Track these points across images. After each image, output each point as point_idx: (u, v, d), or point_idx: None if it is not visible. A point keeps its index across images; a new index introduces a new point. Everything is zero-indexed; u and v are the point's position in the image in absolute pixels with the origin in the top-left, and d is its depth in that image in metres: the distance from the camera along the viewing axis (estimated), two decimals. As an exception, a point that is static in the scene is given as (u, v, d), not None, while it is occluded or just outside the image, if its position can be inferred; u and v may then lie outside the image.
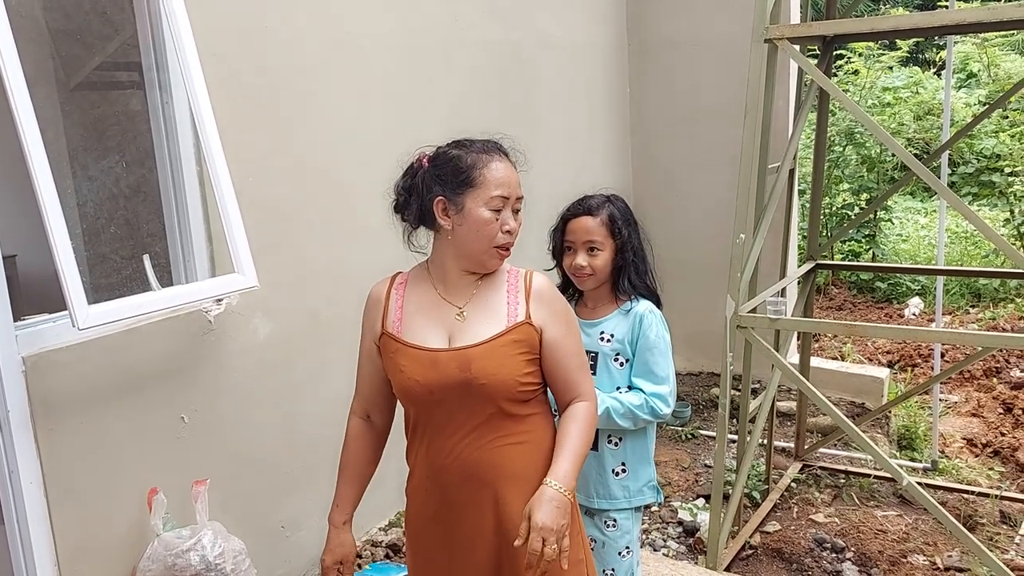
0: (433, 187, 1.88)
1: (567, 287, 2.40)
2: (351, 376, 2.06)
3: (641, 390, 2.27)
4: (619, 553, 2.37)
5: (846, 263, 7.53)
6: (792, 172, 4.04)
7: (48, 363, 2.40)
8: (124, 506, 2.61)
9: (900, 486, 3.16)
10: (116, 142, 4.11)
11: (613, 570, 2.37)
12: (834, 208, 8.25)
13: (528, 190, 1.98)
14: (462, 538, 1.90)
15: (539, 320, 1.88)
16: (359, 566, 3.27)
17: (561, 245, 2.37)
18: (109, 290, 3.36)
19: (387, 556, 3.43)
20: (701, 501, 4.12)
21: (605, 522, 2.36)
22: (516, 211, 1.90)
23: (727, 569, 3.52)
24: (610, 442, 2.33)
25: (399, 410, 2.04)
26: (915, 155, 8.02)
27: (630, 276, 2.31)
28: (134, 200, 3.24)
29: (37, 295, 3.10)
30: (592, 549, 2.32)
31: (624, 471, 2.33)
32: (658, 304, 2.36)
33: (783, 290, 3.97)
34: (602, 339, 2.31)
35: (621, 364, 2.31)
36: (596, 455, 2.32)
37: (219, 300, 2.83)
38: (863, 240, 8.24)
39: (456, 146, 1.91)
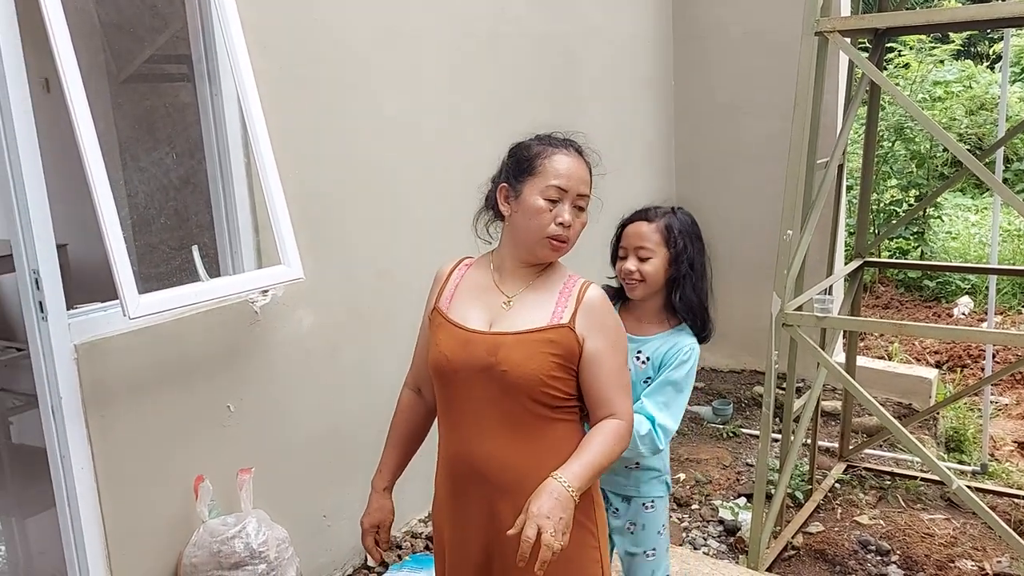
0: (502, 175, 1.93)
1: (621, 295, 2.33)
2: (394, 368, 2.07)
3: (650, 417, 2.12)
4: (658, 532, 2.35)
5: (894, 261, 7.38)
6: (841, 168, 3.97)
7: (99, 351, 2.44)
8: (171, 492, 2.66)
9: (949, 489, 3.08)
10: (166, 134, 4.18)
11: (654, 549, 2.35)
12: (882, 205, 8.10)
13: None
14: (460, 533, 1.90)
15: (583, 329, 1.83)
16: (399, 557, 3.29)
17: (616, 252, 2.32)
18: (158, 280, 3.42)
19: (427, 547, 3.44)
20: (743, 500, 4.08)
21: (644, 505, 2.34)
22: (579, 208, 1.87)
23: (768, 569, 3.47)
24: None
25: None
26: (967, 151, 7.84)
27: (684, 290, 2.21)
28: (183, 191, 3.28)
29: (87, 284, 3.16)
30: (633, 533, 2.33)
31: (637, 464, 2.31)
32: (705, 326, 2.25)
33: (830, 288, 3.91)
34: (638, 358, 2.23)
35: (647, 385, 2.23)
36: None
37: (265, 291, 2.86)
38: (911, 237, 8.08)
39: (535, 138, 1.94)
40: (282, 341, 3.00)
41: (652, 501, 2.33)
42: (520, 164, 1.88)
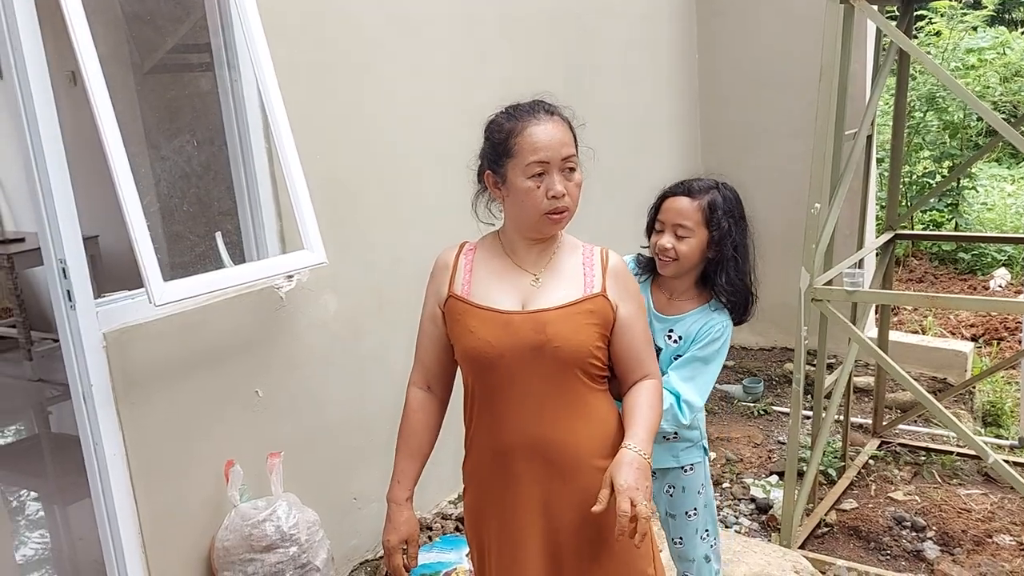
0: (484, 160, 1.89)
1: (652, 268, 2.25)
2: (413, 353, 2.04)
3: (675, 392, 2.09)
4: (697, 492, 2.33)
5: (927, 233, 7.25)
6: (870, 139, 3.89)
7: (128, 339, 2.46)
8: (202, 477, 2.68)
9: (985, 464, 3.03)
10: (188, 122, 4.20)
11: (695, 509, 2.33)
12: (914, 176, 7.95)
13: (589, 160, 1.92)
14: (515, 523, 1.87)
15: (614, 296, 1.85)
16: (429, 538, 3.30)
17: (653, 222, 2.23)
18: (184, 268, 3.44)
19: (457, 528, 3.45)
20: (774, 478, 4.04)
21: (683, 468, 2.31)
22: (569, 170, 1.81)
23: (801, 547, 3.44)
24: None
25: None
26: (1002, 119, 7.65)
27: (728, 272, 2.14)
28: (206, 178, 3.30)
29: (118, 273, 3.20)
30: (672, 495, 2.32)
31: (676, 434, 2.27)
32: (747, 310, 2.21)
33: (860, 262, 3.84)
34: (669, 337, 2.19)
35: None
36: None
37: (290, 276, 2.87)
38: (945, 209, 7.92)
39: (503, 113, 1.88)
40: (308, 326, 3.01)
41: (691, 466, 2.31)
42: (496, 148, 1.84)
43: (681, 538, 2.36)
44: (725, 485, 4.04)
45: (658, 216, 2.22)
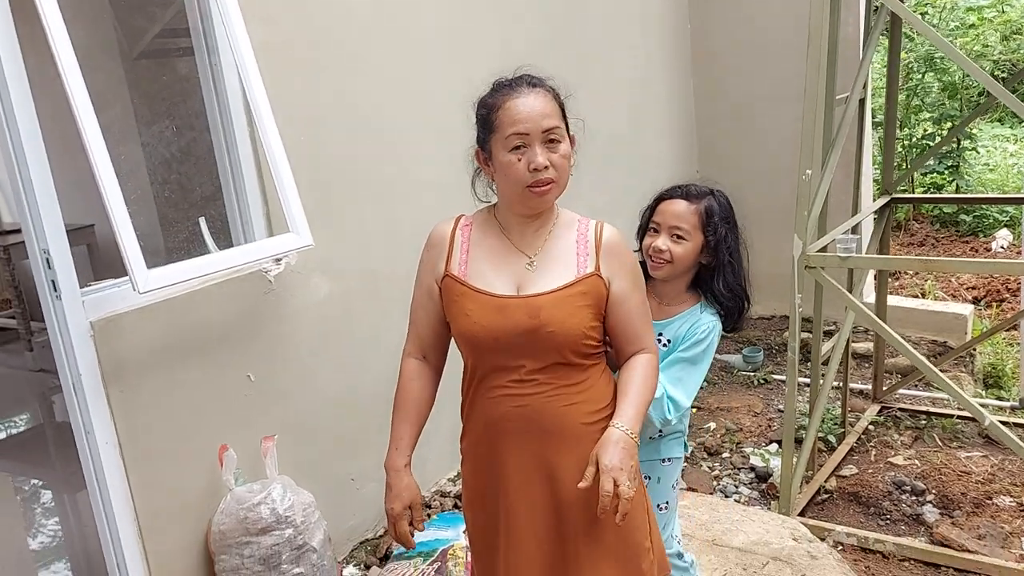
0: (476, 138, 1.88)
1: (642, 271, 2.20)
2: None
3: (663, 385, 2.07)
4: (672, 485, 2.34)
5: (923, 196, 7.19)
6: (863, 102, 3.85)
7: (115, 327, 2.46)
8: (197, 463, 2.69)
9: (983, 426, 3.02)
10: (177, 107, 4.18)
11: (667, 503, 2.34)
12: (914, 139, 7.88)
13: (584, 136, 1.90)
14: (517, 493, 1.87)
15: (608, 272, 1.84)
16: (428, 516, 3.31)
17: (647, 225, 2.22)
18: (178, 252, 3.44)
19: (455, 506, 3.47)
20: (774, 447, 4.04)
21: (662, 460, 2.32)
22: (552, 142, 1.79)
23: (801, 514, 3.45)
24: None
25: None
26: (1002, 79, 7.56)
27: (726, 277, 2.14)
28: (198, 163, 3.29)
29: (114, 261, 3.19)
30: (646, 486, 2.30)
31: (661, 433, 2.27)
32: (740, 315, 2.20)
33: (856, 227, 3.81)
34: (659, 341, 2.15)
35: None
36: None
37: (278, 260, 2.86)
38: (946, 172, 7.85)
39: (489, 90, 1.88)
40: (298, 309, 3.01)
41: (670, 459, 2.31)
42: (483, 124, 1.84)
43: (667, 502, 2.36)
44: (725, 455, 4.05)
45: (653, 218, 2.20)
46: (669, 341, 2.17)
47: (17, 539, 3.81)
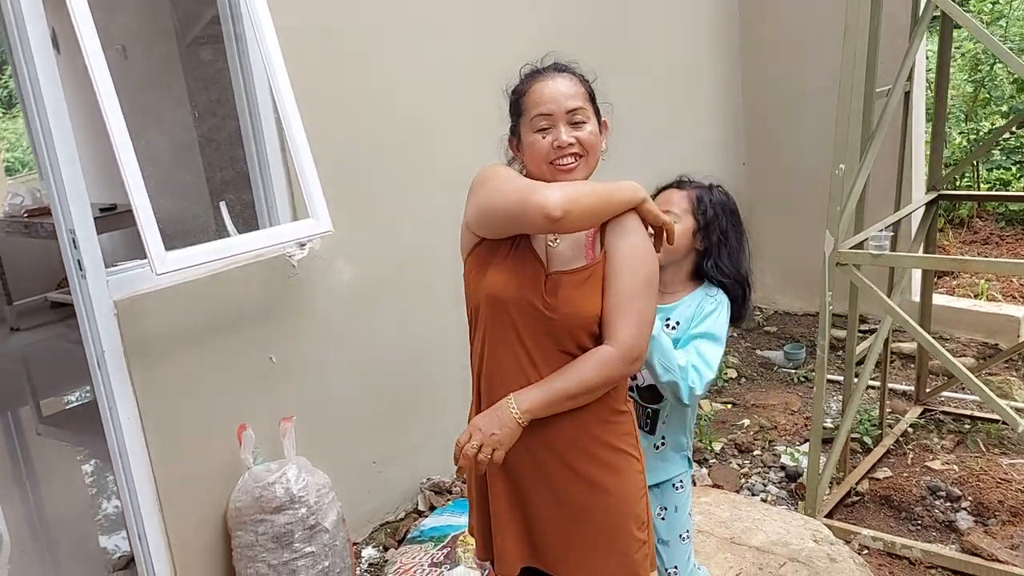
0: (510, 128, 1.92)
1: None
2: (433, 318, 2.02)
3: (684, 356, 2.07)
4: (688, 512, 2.32)
5: (970, 193, 6.87)
6: (908, 95, 3.72)
7: (139, 307, 2.54)
8: (217, 441, 2.76)
9: (1016, 431, 2.90)
10: (221, 92, 4.27)
11: (687, 531, 2.32)
12: (980, 134, 7.57)
13: (622, 127, 1.91)
14: (516, 467, 1.85)
15: (607, 245, 1.80)
16: (445, 501, 3.34)
17: None
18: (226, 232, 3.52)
19: (478, 493, 3.48)
20: (807, 446, 3.95)
21: (674, 485, 2.29)
22: (578, 123, 1.80)
23: (829, 515, 3.37)
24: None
25: None
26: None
27: (720, 258, 2.15)
28: (224, 147, 3.36)
29: (138, 243, 3.29)
30: (664, 518, 2.27)
31: (664, 442, 2.25)
32: (743, 304, 2.19)
33: (897, 224, 3.70)
34: (667, 324, 2.16)
35: None
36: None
37: (302, 244, 2.91)
38: (1013, 167, 7.53)
39: (521, 78, 1.91)
40: (321, 293, 3.05)
41: (680, 479, 2.28)
42: (513, 110, 1.89)
43: (676, 567, 2.30)
44: (756, 452, 3.98)
45: None
46: (678, 323, 2.16)
47: (74, 504, 4.00)
